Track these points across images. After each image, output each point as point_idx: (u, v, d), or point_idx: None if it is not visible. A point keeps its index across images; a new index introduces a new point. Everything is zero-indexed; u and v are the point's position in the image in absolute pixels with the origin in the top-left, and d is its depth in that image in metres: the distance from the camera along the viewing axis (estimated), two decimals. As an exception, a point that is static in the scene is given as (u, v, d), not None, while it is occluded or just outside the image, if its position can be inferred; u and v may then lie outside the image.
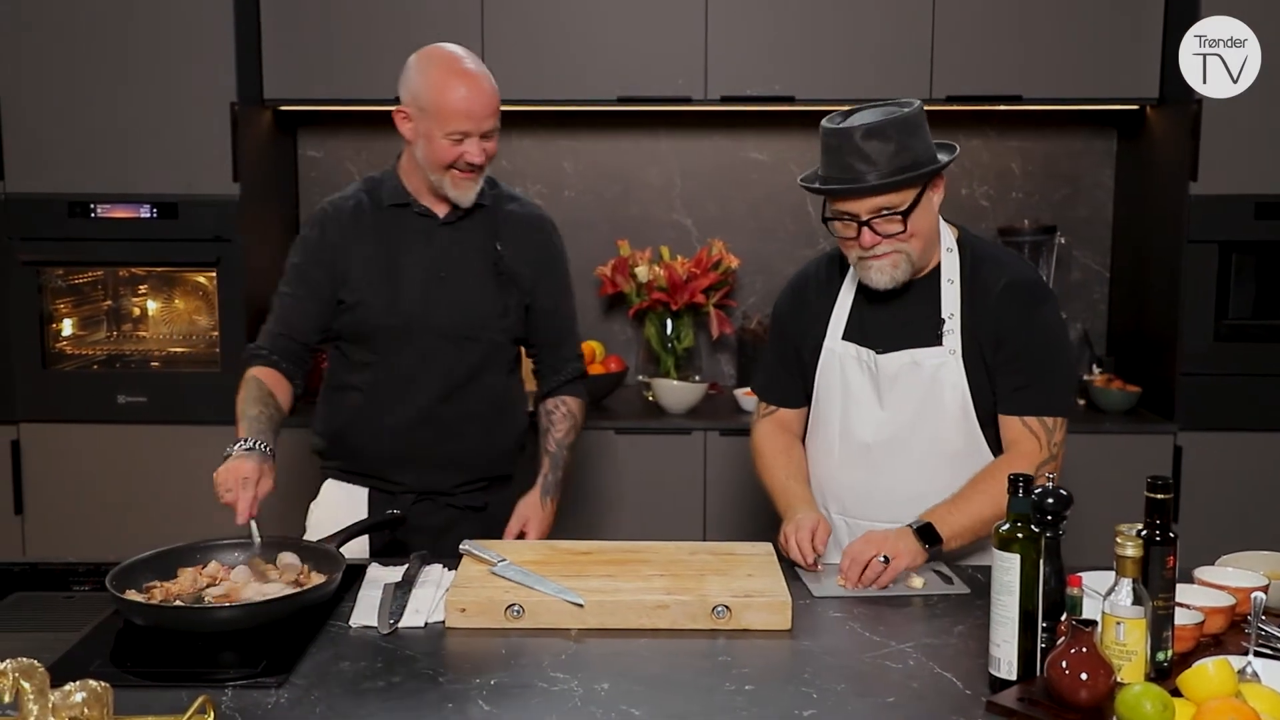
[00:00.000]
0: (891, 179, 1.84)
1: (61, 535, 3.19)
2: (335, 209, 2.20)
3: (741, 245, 3.52)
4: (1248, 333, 3.10)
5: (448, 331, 2.15)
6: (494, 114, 2.10)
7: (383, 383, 2.17)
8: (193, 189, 3.11)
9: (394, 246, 2.15)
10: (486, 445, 2.22)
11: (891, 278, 1.93)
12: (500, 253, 2.18)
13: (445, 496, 2.21)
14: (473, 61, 2.11)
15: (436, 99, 2.05)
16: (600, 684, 1.50)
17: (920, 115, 1.89)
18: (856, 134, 1.84)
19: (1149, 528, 1.50)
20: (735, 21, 3.19)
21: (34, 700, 1.21)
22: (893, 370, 1.97)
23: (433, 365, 2.15)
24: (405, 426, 2.16)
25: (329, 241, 2.16)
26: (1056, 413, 1.95)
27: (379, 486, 2.21)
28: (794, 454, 2.11)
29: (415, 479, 2.18)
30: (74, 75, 3.09)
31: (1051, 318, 1.98)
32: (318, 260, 2.16)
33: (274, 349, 2.16)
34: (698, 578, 1.78)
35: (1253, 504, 3.11)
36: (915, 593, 1.83)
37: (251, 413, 2.03)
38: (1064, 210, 3.56)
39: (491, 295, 2.17)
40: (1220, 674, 1.36)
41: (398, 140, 3.83)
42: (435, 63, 2.10)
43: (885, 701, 1.46)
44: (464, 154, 2.07)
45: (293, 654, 1.57)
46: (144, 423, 3.17)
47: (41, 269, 3.18)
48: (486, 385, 2.20)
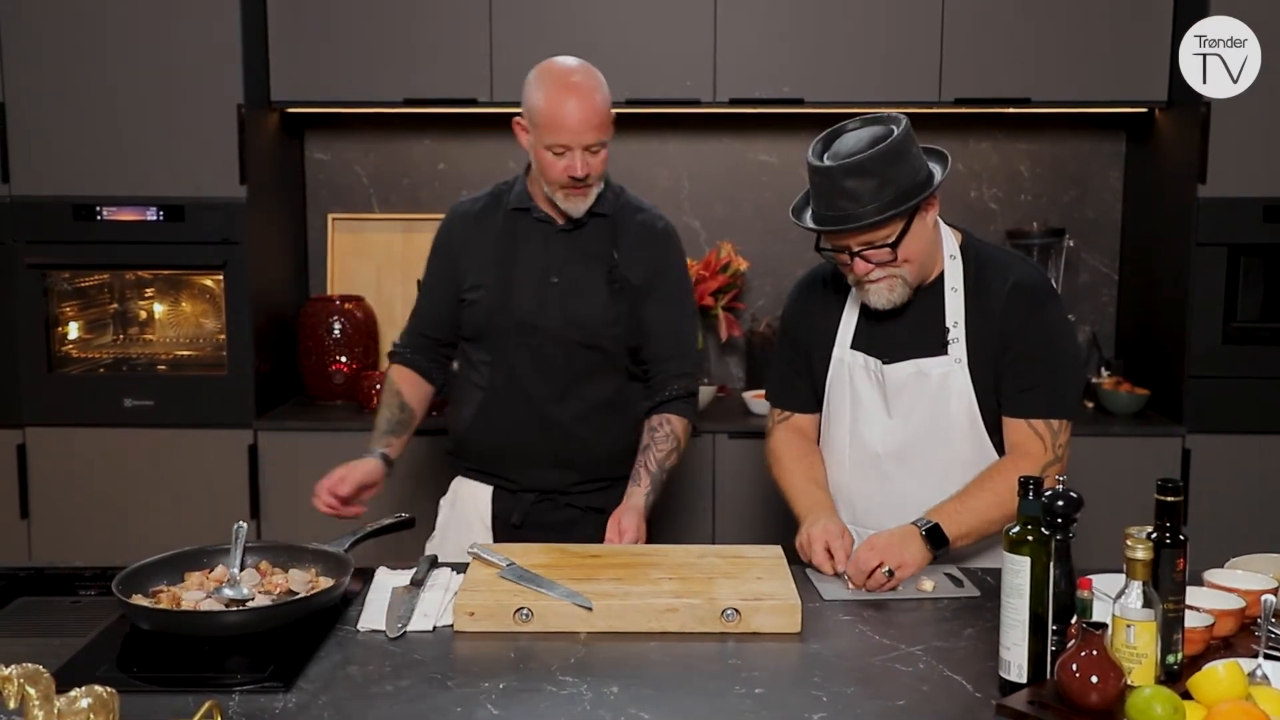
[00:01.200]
0: (874, 219, 1.83)
1: (67, 539, 3.19)
2: (463, 210, 2.30)
3: (750, 248, 3.51)
4: (1256, 335, 3.09)
5: (557, 335, 2.19)
6: (597, 129, 2.09)
7: (499, 383, 2.23)
8: (199, 192, 3.11)
9: (512, 249, 2.21)
10: (600, 447, 2.24)
11: (888, 300, 1.93)
12: (616, 261, 2.21)
13: (564, 496, 2.25)
14: (584, 75, 2.11)
15: (541, 111, 2.09)
16: (610, 688, 1.49)
17: (904, 140, 1.84)
18: (837, 173, 1.83)
19: (1159, 530, 1.49)
20: (744, 23, 3.18)
21: (39, 706, 1.21)
22: (899, 380, 1.97)
23: (544, 367, 2.20)
24: (519, 426, 2.23)
25: (455, 240, 2.26)
26: (1061, 415, 1.94)
27: (501, 485, 2.28)
28: (813, 459, 2.10)
29: (532, 478, 2.24)
30: (79, 77, 3.10)
31: (1056, 318, 1.97)
32: (445, 259, 2.27)
33: (412, 345, 2.32)
34: (707, 581, 1.78)
35: (1261, 506, 3.10)
36: (925, 596, 1.82)
37: (379, 417, 2.26)
38: (1072, 213, 3.55)
39: (603, 303, 2.20)
40: (1230, 676, 1.36)
41: (405, 142, 3.81)
42: (545, 75, 2.12)
43: (895, 704, 1.46)
44: (567, 167, 2.09)
45: (300, 658, 1.57)
46: (151, 426, 3.17)
47: (47, 272, 3.18)
48: (599, 388, 2.23)
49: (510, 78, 3.20)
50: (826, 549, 1.89)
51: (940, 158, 1.94)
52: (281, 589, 1.74)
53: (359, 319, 3.41)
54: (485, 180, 3.55)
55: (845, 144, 1.86)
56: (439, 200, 3.58)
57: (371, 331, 3.46)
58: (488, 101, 3.21)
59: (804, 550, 1.93)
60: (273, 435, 3.18)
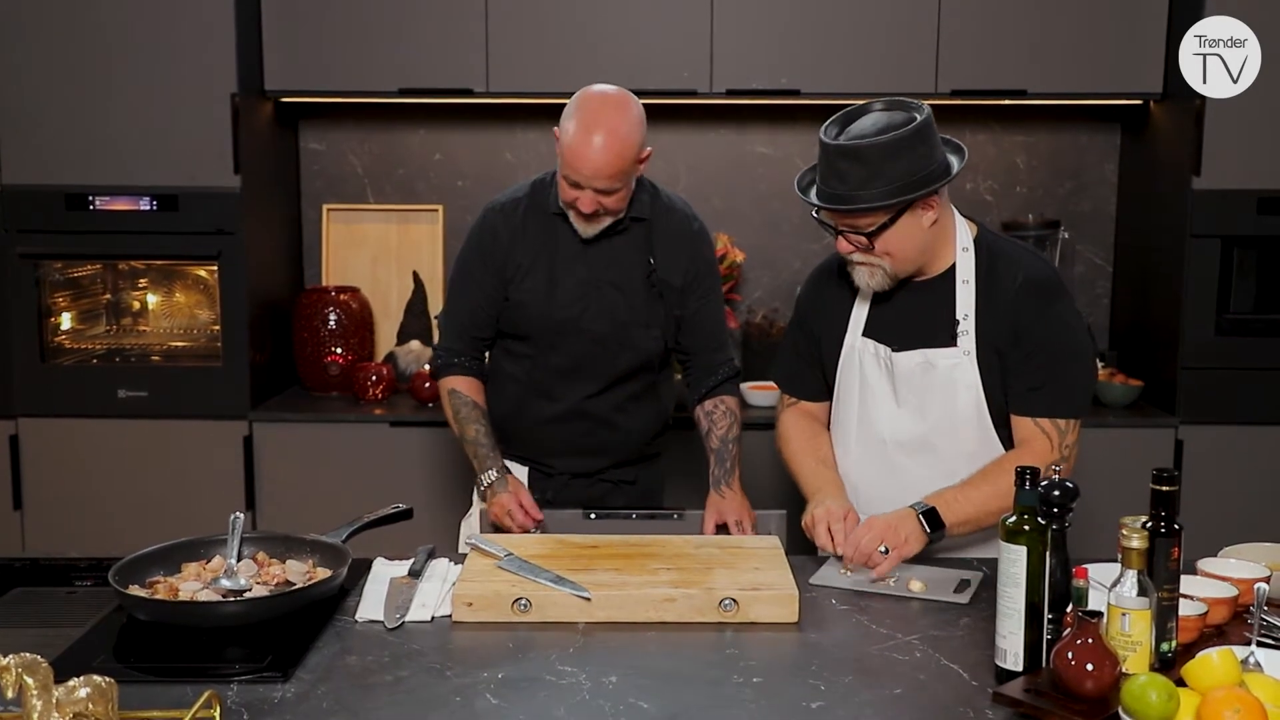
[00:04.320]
0: (853, 207, 1.83)
1: (61, 531, 3.18)
2: (503, 210, 2.26)
3: (747, 239, 3.51)
4: (1249, 327, 3.10)
5: (599, 337, 2.23)
6: (611, 178, 2.07)
7: (539, 377, 2.27)
8: (193, 181, 3.10)
9: (555, 252, 2.22)
10: (634, 432, 2.34)
11: (868, 284, 1.95)
12: (653, 266, 2.23)
13: (598, 474, 2.34)
14: (616, 115, 2.06)
15: (565, 140, 2.08)
16: (608, 677, 1.50)
17: (914, 135, 1.82)
18: (834, 152, 1.83)
19: (1154, 520, 1.51)
20: (741, 14, 3.18)
21: (38, 696, 1.21)
22: (907, 368, 1.97)
23: (585, 365, 2.25)
24: (558, 419, 2.28)
25: (499, 242, 2.23)
26: (1069, 414, 1.94)
27: (536, 467, 2.34)
28: (820, 439, 2.11)
29: (568, 464, 2.32)
30: (72, 65, 3.08)
31: (1067, 315, 1.96)
32: (491, 259, 2.23)
33: (462, 351, 2.30)
34: (704, 571, 1.78)
35: (1254, 496, 3.11)
36: (914, 596, 1.81)
37: (470, 435, 2.25)
38: (1068, 205, 3.56)
39: (642, 306, 2.23)
40: (1224, 664, 1.37)
41: (400, 133, 3.81)
42: (582, 104, 2.10)
43: (892, 693, 1.46)
44: (577, 199, 2.10)
45: (299, 648, 1.57)
46: (145, 418, 3.16)
47: (39, 262, 3.16)
48: (637, 382, 2.30)
49: (506, 68, 3.19)
50: (828, 530, 1.90)
51: (957, 152, 1.92)
52: (279, 580, 1.74)
53: (354, 310, 3.40)
54: (481, 171, 3.58)
55: (858, 126, 1.87)
56: (434, 191, 3.58)
57: (367, 322, 3.46)
58: (483, 92, 3.20)
59: (809, 530, 1.94)
60: (268, 427, 3.18)
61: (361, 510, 2.02)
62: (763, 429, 3.15)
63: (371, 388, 3.29)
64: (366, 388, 3.29)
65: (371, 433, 3.18)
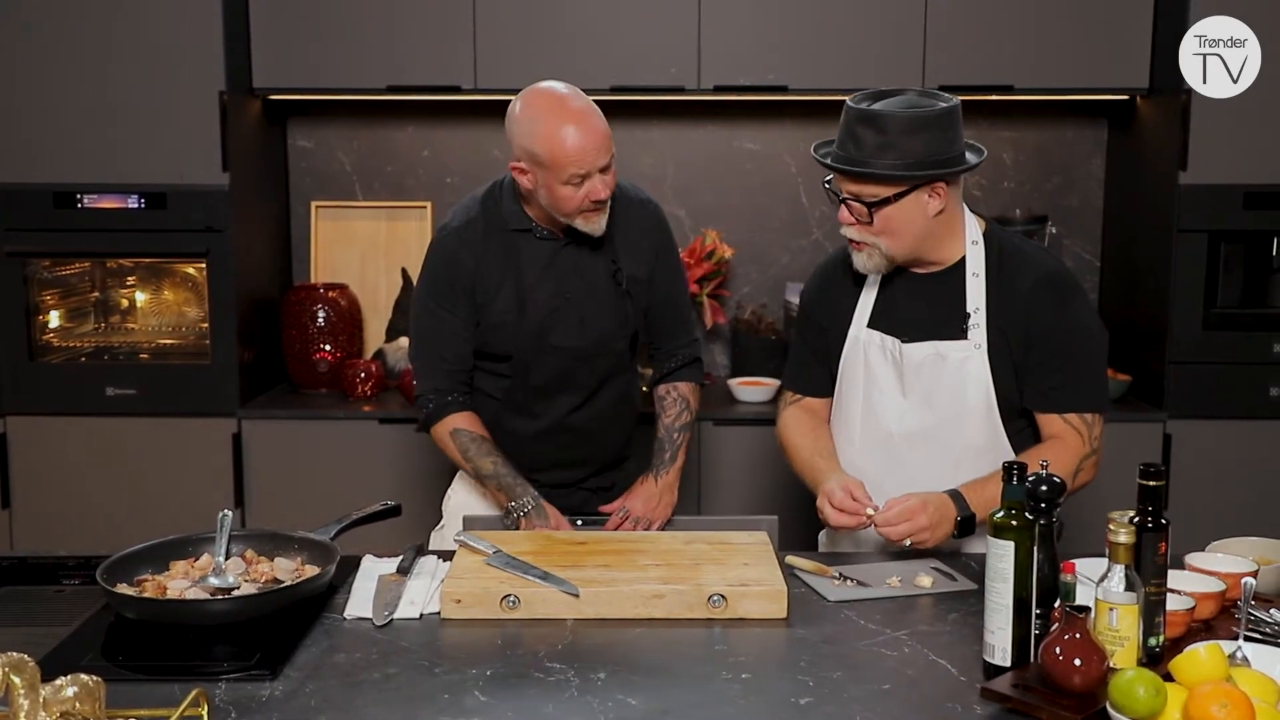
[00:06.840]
0: (862, 170, 1.85)
1: (49, 530, 3.17)
2: (459, 233, 2.19)
3: (735, 235, 3.51)
4: (1236, 321, 3.12)
5: (575, 351, 2.21)
6: (608, 148, 2.06)
7: (516, 395, 2.25)
8: (181, 179, 3.09)
9: (520, 270, 2.18)
10: (611, 440, 2.35)
11: (864, 266, 1.96)
12: (617, 265, 2.21)
13: (578, 484, 2.34)
14: (577, 99, 2.06)
15: (550, 149, 2.02)
16: (597, 674, 1.50)
17: (935, 119, 1.84)
18: (855, 116, 1.88)
19: (1141, 514, 1.51)
20: (728, 10, 3.18)
21: (25, 695, 1.20)
22: (917, 360, 1.97)
23: (564, 380, 2.23)
24: (540, 435, 2.26)
25: (464, 266, 2.17)
26: (1096, 408, 1.96)
27: None
28: (820, 433, 2.11)
29: (549, 476, 2.28)
30: (60, 63, 3.06)
31: (1083, 312, 1.97)
32: (457, 285, 2.17)
33: (451, 389, 2.22)
34: (693, 567, 1.78)
35: (1241, 491, 3.13)
36: (925, 592, 1.81)
37: (487, 469, 2.18)
38: (1055, 200, 3.57)
39: (612, 310, 2.22)
40: (1211, 658, 1.37)
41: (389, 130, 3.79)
42: (541, 110, 2.05)
43: (881, 689, 1.47)
44: (589, 193, 2.06)
45: (287, 646, 1.57)
46: (133, 415, 3.15)
47: (27, 260, 3.15)
48: (612, 387, 2.30)
49: (494, 65, 3.18)
50: (850, 499, 1.89)
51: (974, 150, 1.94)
52: (267, 577, 1.74)
53: (343, 307, 3.40)
54: (469, 167, 3.56)
55: (887, 101, 1.89)
56: (423, 188, 3.57)
57: (356, 319, 3.45)
58: (471, 88, 3.19)
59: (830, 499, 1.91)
60: (257, 424, 3.17)
61: (350, 507, 2.01)
62: (751, 425, 3.16)
63: (360, 385, 3.28)
64: (355, 385, 3.28)
65: (360, 430, 3.18)
